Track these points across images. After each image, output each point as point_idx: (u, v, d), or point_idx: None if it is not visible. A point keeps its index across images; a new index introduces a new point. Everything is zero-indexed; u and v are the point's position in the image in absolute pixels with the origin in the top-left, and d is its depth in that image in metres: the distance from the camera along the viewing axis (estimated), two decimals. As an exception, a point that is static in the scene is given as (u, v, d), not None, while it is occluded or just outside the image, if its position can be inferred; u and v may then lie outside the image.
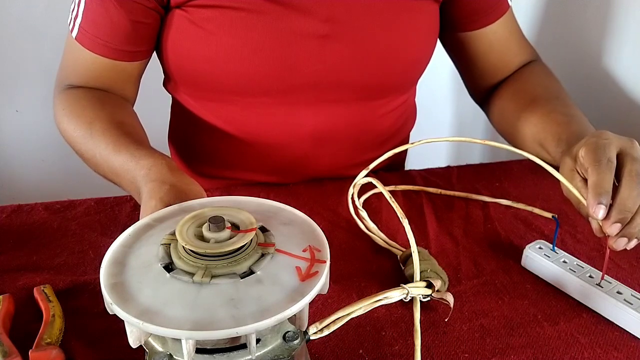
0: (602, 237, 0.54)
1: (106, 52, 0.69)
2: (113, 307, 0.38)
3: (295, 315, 0.39)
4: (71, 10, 0.70)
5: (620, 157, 0.54)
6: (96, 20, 0.68)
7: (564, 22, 1.16)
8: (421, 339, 0.51)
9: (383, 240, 0.64)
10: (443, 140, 0.59)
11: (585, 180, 0.55)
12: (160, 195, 0.53)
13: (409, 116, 0.88)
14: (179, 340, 0.38)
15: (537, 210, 0.70)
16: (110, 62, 0.70)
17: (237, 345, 0.40)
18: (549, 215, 0.68)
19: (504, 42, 0.80)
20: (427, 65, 0.78)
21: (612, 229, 0.51)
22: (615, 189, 0.52)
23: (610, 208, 0.51)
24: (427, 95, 1.00)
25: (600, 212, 0.51)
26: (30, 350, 0.47)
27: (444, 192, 0.75)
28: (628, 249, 0.53)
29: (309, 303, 0.39)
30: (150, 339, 0.42)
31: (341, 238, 0.66)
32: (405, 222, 0.46)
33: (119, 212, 0.70)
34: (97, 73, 0.71)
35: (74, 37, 0.70)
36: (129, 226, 0.47)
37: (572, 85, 0.85)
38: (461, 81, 0.88)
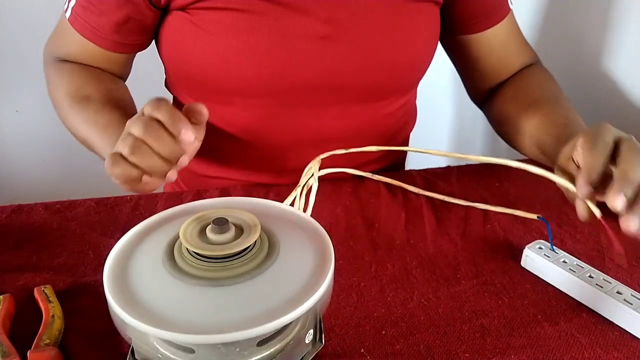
0: (601, 237, 0.54)
1: (94, 39, 0.71)
2: (114, 308, 0.38)
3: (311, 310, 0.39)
4: None
5: (617, 144, 0.53)
6: (87, 6, 0.70)
7: (564, 24, 1.16)
8: (421, 339, 0.51)
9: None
10: (437, 154, 0.59)
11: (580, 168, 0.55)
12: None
13: (409, 117, 0.88)
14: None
15: (518, 213, 0.69)
16: (98, 49, 0.72)
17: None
18: (533, 216, 0.67)
19: (505, 45, 0.80)
20: (428, 67, 0.78)
21: (617, 202, 0.48)
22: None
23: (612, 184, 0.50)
24: (428, 97, 0.99)
25: (587, 193, 0.51)
26: (29, 351, 0.47)
27: (435, 196, 0.75)
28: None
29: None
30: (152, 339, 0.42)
31: (341, 238, 0.66)
32: None
33: (119, 212, 0.70)
34: (86, 56, 0.74)
35: (66, 17, 0.72)
36: (129, 226, 0.47)
37: (571, 86, 0.85)
38: (461, 82, 0.88)
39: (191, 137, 0.51)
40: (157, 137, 0.51)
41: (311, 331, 0.43)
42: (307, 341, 0.43)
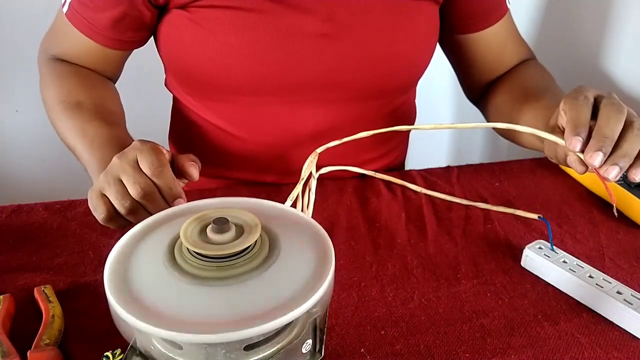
0: (601, 237, 0.54)
1: (91, 34, 0.71)
2: (115, 307, 0.38)
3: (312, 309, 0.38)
4: None
5: (597, 100, 0.55)
6: (84, 1, 0.70)
7: (562, 22, 1.16)
8: (421, 339, 0.51)
9: None
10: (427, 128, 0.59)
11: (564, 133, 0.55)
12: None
13: (409, 116, 0.88)
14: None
15: (519, 212, 0.69)
16: (94, 45, 0.72)
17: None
18: (534, 216, 0.67)
19: (502, 44, 0.81)
20: (427, 65, 0.78)
21: (593, 158, 0.50)
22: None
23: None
24: (427, 96, 1.00)
25: (578, 144, 0.51)
26: (29, 351, 0.47)
27: (436, 195, 0.75)
28: (637, 179, 0.51)
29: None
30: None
31: (341, 238, 0.66)
32: None
33: (119, 212, 0.70)
34: (82, 53, 0.74)
35: (64, 12, 0.72)
36: (129, 226, 0.47)
37: (569, 86, 0.85)
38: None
39: (182, 204, 0.54)
40: (154, 202, 0.55)
41: (309, 341, 0.43)
42: (304, 351, 0.42)
